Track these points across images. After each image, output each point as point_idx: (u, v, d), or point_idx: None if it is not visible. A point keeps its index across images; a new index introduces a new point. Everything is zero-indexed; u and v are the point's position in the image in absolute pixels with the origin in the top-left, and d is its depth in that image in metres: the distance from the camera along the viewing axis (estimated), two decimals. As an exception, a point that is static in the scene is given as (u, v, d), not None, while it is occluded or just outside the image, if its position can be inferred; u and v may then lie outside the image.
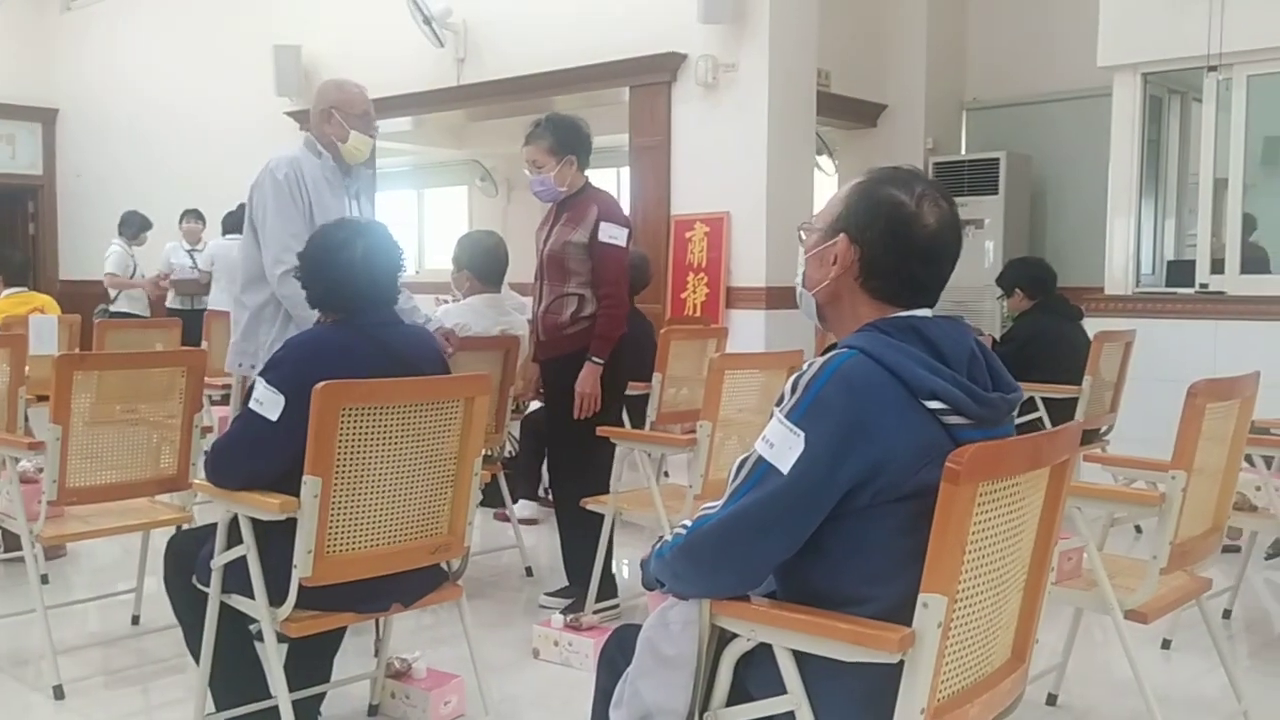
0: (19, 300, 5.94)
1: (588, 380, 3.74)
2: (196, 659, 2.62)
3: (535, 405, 5.11)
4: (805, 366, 1.60)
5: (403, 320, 2.73)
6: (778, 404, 1.60)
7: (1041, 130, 8.05)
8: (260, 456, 2.42)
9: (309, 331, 2.65)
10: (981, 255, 7.72)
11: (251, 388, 2.50)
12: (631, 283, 4.13)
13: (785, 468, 1.55)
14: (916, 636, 1.52)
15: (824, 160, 8.74)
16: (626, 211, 4.18)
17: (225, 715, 2.60)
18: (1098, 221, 6.53)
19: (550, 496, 5.50)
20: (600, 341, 3.76)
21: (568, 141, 3.77)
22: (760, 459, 1.59)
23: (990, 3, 8.40)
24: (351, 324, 2.54)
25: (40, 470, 3.25)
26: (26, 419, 4.31)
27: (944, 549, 1.50)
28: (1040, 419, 4.91)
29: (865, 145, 8.41)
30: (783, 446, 1.56)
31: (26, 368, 4.19)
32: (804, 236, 1.78)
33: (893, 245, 1.66)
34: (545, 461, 5.43)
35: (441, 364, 2.72)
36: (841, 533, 1.59)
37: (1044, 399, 4.89)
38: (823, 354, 1.62)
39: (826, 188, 8.54)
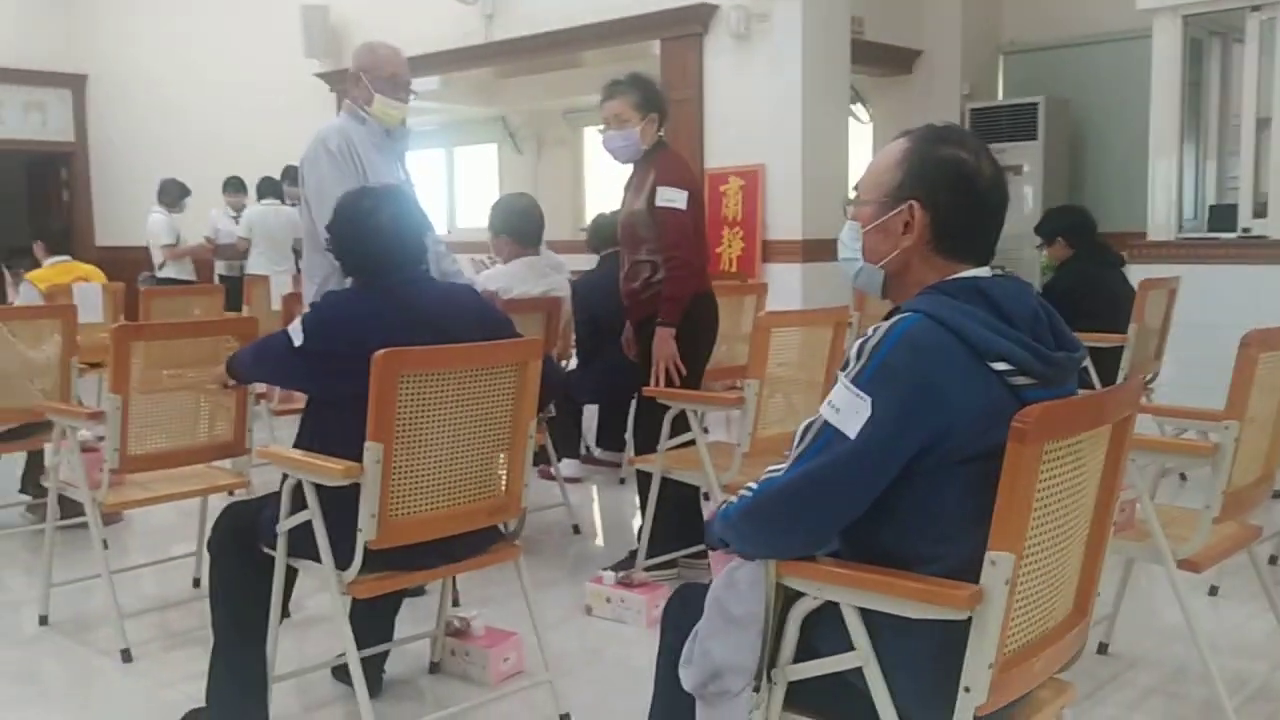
0: (62, 269, 5.99)
1: (661, 346, 3.67)
2: (218, 630, 2.63)
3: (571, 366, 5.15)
4: (869, 331, 1.61)
5: (432, 279, 2.76)
6: (842, 369, 1.62)
7: (1081, 74, 7.91)
8: (266, 362, 2.65)
9: (341, 292, 2.74)
10: (1020, 202, 7.63)
11: None
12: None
13: (851, 432, 1.56)
14: (984, 594, 1.54)
15: (858, 109, 8.65)
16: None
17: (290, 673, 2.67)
18: (1139, 166, 6.44)
19: (593, 454, 5.58)
20: (667, 305, 3.67)
21: (654, 99, 3.73)
22: (826, 424, 1.60)
23: (1027, -58, 8.25)
24: (377, 285, 2.58)
25: (99, 439, 3.32)
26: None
27: (1011, 508, 1.52)
28: (1086, 369, 4.88)
29: (900, 93, 8.30)
30: (849, 411, 1.57)
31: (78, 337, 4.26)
32: (852, 212, 1.78)
33: (963, 203, 1.67)
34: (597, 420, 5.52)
35: (475, 319, 2.67)
36: (909, 494, 1.60)
37: (1089, 348, 4.85)
38: (886, 318, 1.63)
39: (862, 137, 8.46)
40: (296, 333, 2.51)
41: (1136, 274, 5.17)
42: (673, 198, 3.65)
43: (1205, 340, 4.11)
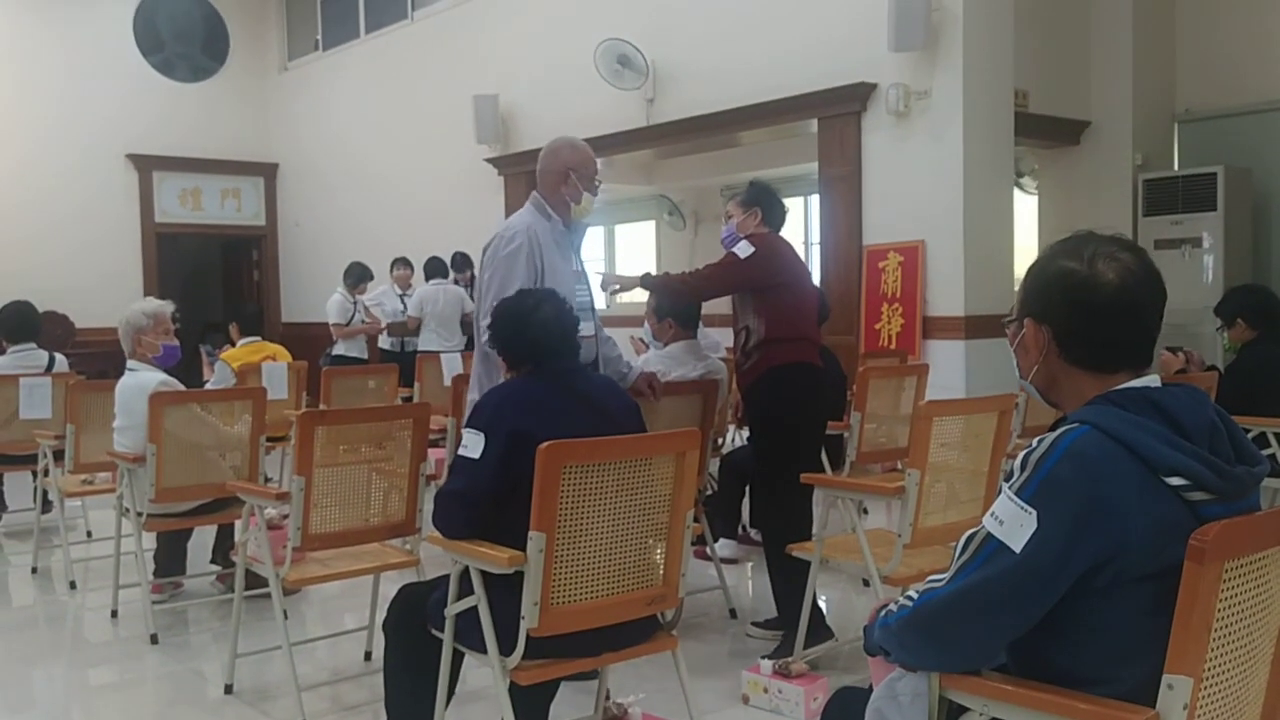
0: (253, 349, 6.41)
1: (627, 280, 4.11)
2: (391, 707, 2.76)
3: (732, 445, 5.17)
4: (1034, 442, 1.58)
5: (587, 369, 2.89)
6: (1006, 480, 1.59)
7: (1262, 141, 7.58)
8: (472, 497, 2.58)
9: (505, 383, 2.86)
10: (1200, 274, 7.32)
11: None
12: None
13: (1017, 546, 1.53)
14: (1161, 718, 1.48)
15: (1025, 180, 8.48)
16: (815, 240, 4.39)
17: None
18: (1330, 238, 6.10)
19: (749, 535, 5.55)
20: (664, 280, 4.11)
21: (755, 197, 4.13)
22: (989, 535, 1.58)
23: (1201, 5, 7.98)
24: (542, 373, 2.73)
25: (284, 517, 3.51)
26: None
27: (1189, 629, 1.46)
28: (1274, 455, 4.60)
29: (1068, 164, 8.12)
30: (1013, 524, 1.54)
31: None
32: (1008, 329, 1.79)
33: (1076, 314, 1.65)
34: (745, 500, 5.49)
35: (633, 408, 2.87)
36: (1081, 611, 1.55)
37: (1276, 434, 4.58)
38: (1052, 428, 1.60)
39: (1027, 209, 8.29)
40: (473, 445, 2.57)
41: (1330, 354, 4.86)
42: (740, 247, 3.96)
43: None
